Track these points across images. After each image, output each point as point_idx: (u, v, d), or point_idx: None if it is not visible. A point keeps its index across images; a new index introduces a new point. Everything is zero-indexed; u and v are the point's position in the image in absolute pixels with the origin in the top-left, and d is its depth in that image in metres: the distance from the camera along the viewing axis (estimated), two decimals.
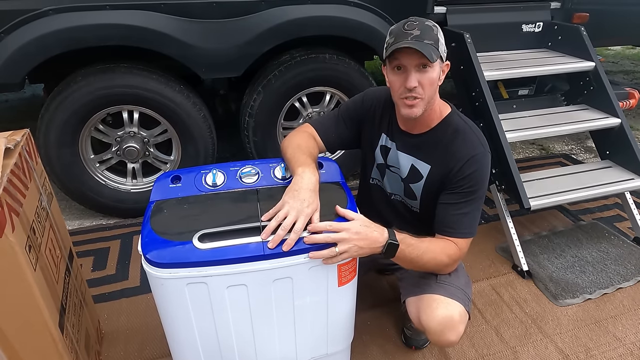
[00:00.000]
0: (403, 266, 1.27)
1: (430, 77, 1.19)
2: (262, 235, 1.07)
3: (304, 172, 1.17)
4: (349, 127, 1.45)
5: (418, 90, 1.19)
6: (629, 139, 2.21)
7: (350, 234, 1.08)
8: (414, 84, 1.18)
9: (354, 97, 1.49)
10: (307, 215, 1.09)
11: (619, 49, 5.77)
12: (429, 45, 1.14)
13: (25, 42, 1.86)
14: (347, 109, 1.47)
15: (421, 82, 1.18)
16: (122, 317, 1.76)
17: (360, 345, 1.62)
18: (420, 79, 1.18)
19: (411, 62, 1.16)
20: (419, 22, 1.17)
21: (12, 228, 0.99)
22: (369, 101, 1.43)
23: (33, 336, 1.10)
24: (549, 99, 2.64)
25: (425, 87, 1.19)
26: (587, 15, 2.64)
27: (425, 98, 1.21)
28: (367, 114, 1.43)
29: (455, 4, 2.46)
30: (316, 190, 1.15)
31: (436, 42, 1.17)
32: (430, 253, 1.23)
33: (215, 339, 1.16)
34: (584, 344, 1.65)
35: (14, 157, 1.11)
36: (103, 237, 2.24)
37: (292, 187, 1.15)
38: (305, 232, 1.09)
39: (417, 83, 1.18)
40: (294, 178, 1.17)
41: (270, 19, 2.11)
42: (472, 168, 1.25)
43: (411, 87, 1.18)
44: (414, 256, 1.19)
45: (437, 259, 1.25)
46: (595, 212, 2.48)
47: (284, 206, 1.10)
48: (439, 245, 1.26)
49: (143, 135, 2.27)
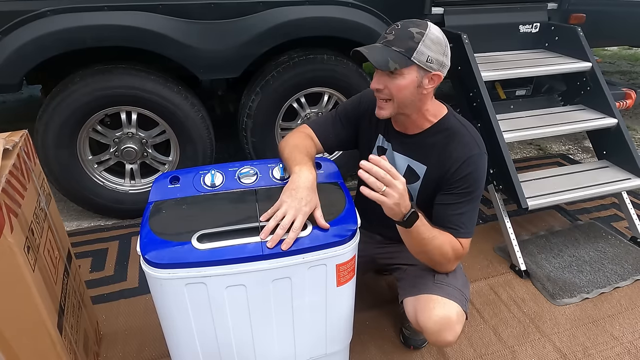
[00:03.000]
0: (409, 247, 1.27)
1: (398, 83, 1.18)
2: (261, 235, 1.07)
3: (301, 171, 1.17)
4: (346, 127, 1.45)
5: (384, 92, 1.21)
6: (626, 139, 2.22)
7: (400, 189, 1.08)
8: (376, 86, 1.21)
9: (351, 98, 1.50)
10: (305, 213, 1.10)
11: (616, 49, 5.79)
12: (392, 51, 1.15)
13: (23, 43, 1.86)
14: (344, 109, 1.47)
15: (388, 86, 1.20)
16: (121, 318, 1.76)
17: (359, 345, 1.62)
18: (387, 84, 1.20)
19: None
20: (401, 28, 1.17)
21: (11, 229, 0.99)
22: (366, 102, 1.43)
23: (32, 337, 1.10)
24: (546, 99, 2.65)
25: (392, 92, 1.20)
26: (584, 16, 2.65)
27: (394, 102, 1.22)
28: (364, 115, 1.43)
29: (453, 4, 2.47)
30: (314, 188, 1.16)
31: (409, 50, 1.15)
32: (439, 241, 1.23)
33: (214, 340, 1.17)
34: (582, 343, 1.66)
35: (13, 158, 1.11)
36: (101, 238, 2.24)
37: (289, 186, 1.15)
38: (306, 230, 1.09)
39: (382, 86, 1.20)
40: (291, 177, 1.18)
41: (269, 20, 2.11)
42: (469, 169, 1.25)
43: (374, 89, 1.22)
44: (425, 236, 1.20)
45: (443, 249, 1.25)
46: (593, 211, 2.49)
47: (282, 205, 1.11)
48: (447, 237, 1.26)
49: (141, 136, 2.27)
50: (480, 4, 2.55)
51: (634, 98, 2.75)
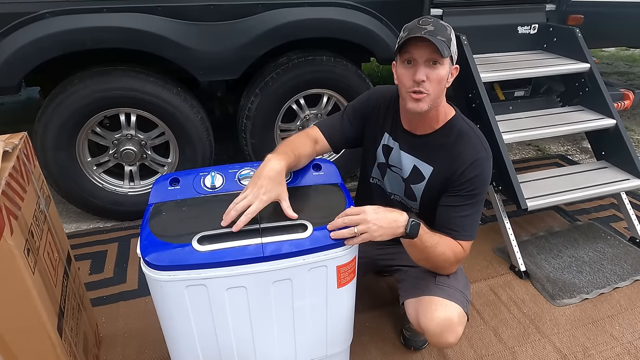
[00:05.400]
0: (412, 256, 1.27)
1: (439, 73, 1.19)
2: (222, 223, 1.09)
3: (268, 160, 1.17)
4: (353, 124, 1.45)
5: (425, 85, 1.19)
6: (624, 140, 2.23)
7: (368, 215, 1.09)
8: (422, 77, 1.17)
9: (359, 96, 1.50)
10: (262, 201, 1.10)
11: (613, 50, 5.81)
12: (441, 41, 1.14)
13: (22, 45, 1.85)
14: (352, 107, 1.47)
15: (429, 77, 1.18)
16: (120, 320, 1.75)
17: (359, 347, 1.62)
18: (429, 74, 1.18)
19: (422, 56, 1.17)
20: (434, 20, 1.18)
21: (11, 231, 0.98)
22: (374, 99, 1.43)
23: (31, 340, 1.10)
24: (544, 100, 2.65)
25: (432, 83, 1.19)
26: (582, 17, 2.66)
27: (431, 94, 1.20)
28: (372, 112, 1.43)
29: (452, 6, 2.48)
30: (276, 178, 1.14)
31: (448, 41, 1.17)
32: (442, 247, 1.23)
33: (215, 342, 1.16)
34: (582, 344, 1.66)
35: (12, 160, 1.11)
36: (100, 240, 2.24)
37: (254, 174, 1.16)
38: (306, 232, 1.09)
39: (425, 77, 1.18)
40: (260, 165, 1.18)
41: (268, 21, 2.11)
42: (476, 171, 1.25)
43: (419, 80, 1.17)
44: (429, 244, 1.20)
45: (446, 254, 1.25)
46: (592, 212, 2.49)
47: (244, 191, 1.13)
48: (448, 241, 1.26)
49: (140, 137, 2.27)
50: (479, 5, 2.55)
51: (632, 99, 2.76)
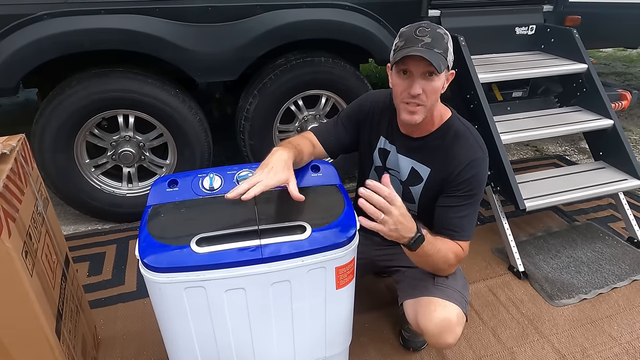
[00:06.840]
0: (414, 261, 1.27)
1: (435, 85, 1.19)
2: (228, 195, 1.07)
3: (276, 151, 1.17)
4: (348, 129, 1.45)
5: (421, 98, 1.19)
6: (622, 140, 2.24)
7: (398, 213, 1.07)
8: (418, 92, 1.17)
9: (354, 101, 1.50)
10: (272, 179, 1.08)
11: (611, 51, 5.83)
12: (438, 54, 1.14)
13: (20, 46, 1.85)
14: (346, 112, 1.47)
15: (425, 89, 1.18)
16: (119, 322, 1.75)
17: (358, 348, 1.62)
18: (425, 87, 1.18)
19: (418, 70, 1.16)
20: (431, 29, 1.16)
21: (9, 234, 0.98)
22: (369, 104, 1.43)
23: (30, 342, 1.10)
24: (542, 100, 2.66)
25: (428, 95, 1.19)
26: (579, 17, 2.67)
27: (427, 105, 1.21)
28: (367, 117, 1.44)
29: (450, 7, 2.48)
30: (286, 164, 1.14)
31: (445, 51, 1.16)
32: (443, 252, 1.24)
33: (214, 343, 1.16)
34: (580, 344, 1.66)
35: (10, 162, 1.11)
36: (99, 242, 2.23)
37: (262, 162, 1.15)
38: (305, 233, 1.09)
39: (421, 91, 1.18)
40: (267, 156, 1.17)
41: (266, 22, 2.11)
42: (472, 172, 1.25)
43: (414, 95, 1.18)
44: (430, 253, 1.20)
45: (447, 257, 1.25)
46: (590, 212, 2.50)
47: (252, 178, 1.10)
48: (448, 244, 1.26)
49: (139, 139, 2.26)
50: (477, 6, 2.56)
51: (629, 99, 2.77)
